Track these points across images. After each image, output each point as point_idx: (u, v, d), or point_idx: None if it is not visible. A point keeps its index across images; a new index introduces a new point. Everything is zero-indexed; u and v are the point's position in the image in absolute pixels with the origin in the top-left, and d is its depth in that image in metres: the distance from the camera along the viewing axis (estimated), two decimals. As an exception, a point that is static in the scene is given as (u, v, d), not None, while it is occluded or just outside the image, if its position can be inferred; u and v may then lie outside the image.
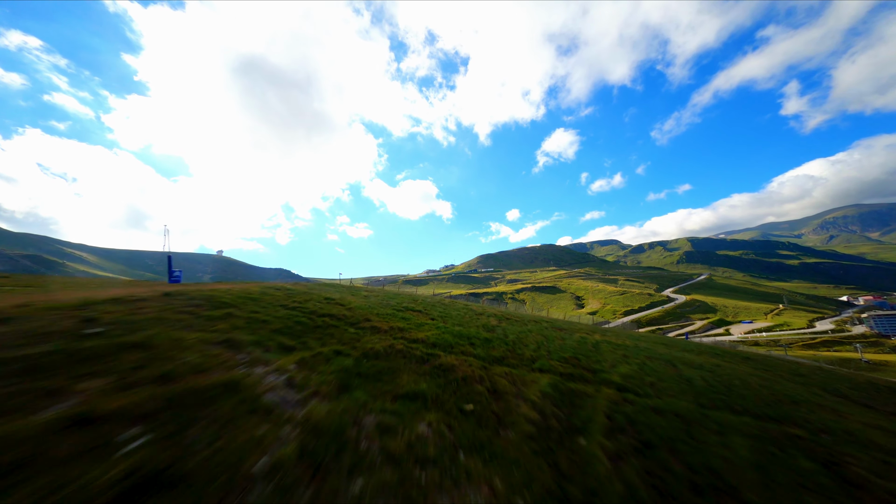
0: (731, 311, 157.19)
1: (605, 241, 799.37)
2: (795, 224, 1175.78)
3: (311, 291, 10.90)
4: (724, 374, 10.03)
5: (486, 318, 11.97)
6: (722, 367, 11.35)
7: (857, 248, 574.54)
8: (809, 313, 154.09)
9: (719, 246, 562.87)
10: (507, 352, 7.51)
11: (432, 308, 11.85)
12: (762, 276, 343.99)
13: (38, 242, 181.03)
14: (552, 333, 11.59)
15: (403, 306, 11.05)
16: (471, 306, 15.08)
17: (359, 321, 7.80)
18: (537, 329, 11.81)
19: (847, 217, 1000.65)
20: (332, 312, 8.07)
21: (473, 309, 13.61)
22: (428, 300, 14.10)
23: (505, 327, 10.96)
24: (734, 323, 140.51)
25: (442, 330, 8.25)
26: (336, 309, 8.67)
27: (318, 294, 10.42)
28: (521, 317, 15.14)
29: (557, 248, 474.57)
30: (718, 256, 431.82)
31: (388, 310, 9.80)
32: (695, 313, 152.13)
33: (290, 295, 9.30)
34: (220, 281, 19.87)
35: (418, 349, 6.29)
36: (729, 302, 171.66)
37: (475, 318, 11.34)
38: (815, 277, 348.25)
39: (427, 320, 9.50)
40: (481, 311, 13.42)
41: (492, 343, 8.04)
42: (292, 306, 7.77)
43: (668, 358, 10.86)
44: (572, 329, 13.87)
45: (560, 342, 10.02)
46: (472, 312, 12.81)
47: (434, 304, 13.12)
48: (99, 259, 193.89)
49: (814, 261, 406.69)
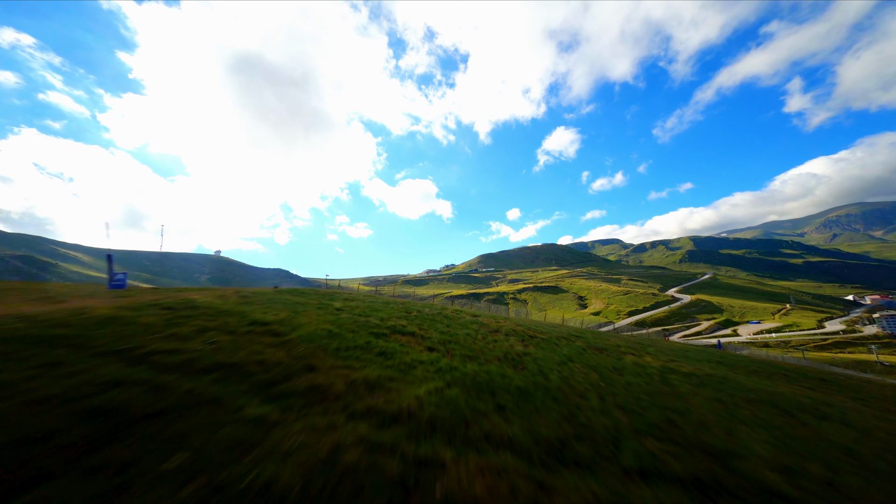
0: (738, 312, 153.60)
1: (607, 240, 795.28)
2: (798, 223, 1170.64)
3: (236, 309, 7.21)
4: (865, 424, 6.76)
5: (505, 337, 8.68)
6: (835, 406, 8.09)
7: (860, 247, 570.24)
8: (817, 313, 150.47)
9: (722, 245, 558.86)
10: (562, 421, 4.14)
11: (431, 325, 8.49)
12: (766, 276, 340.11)
13: (31, 243, 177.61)
14: (598, 360, 8.27)
15: (389, 325, 7.65)
16: (481, 318, 11.73)
17: (289, 375, 4.24)
18: (576, 353, 8.48)
19: (850, 215, 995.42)
20: (237, 360, 4.37)
21: (486, 324, 10.23)
22: (426, 312, 10.71)
23: (536, 356, 7.61)
24: (741, 323, 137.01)
25: (445, 377, 4.85)
26: (255, 346, 4.99)
27: (248, 313, 6.69)
28: (544, 330, 11.76)
29: (559, 248, 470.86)
30: (721, 255, 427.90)
31: (361, 336, 6.34)
32: (701, 313, 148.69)
33: (180, 318, 5.64)
34: (192, 287, 16.44)
35: (397, 451, 2.89)
36: (735, 302, 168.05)
37: (490, 342, 8.00)
38: (819, 276, 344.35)
39: (422, 352, 6.12)
40: (496, 327, 10.09)
41: (532, 400, 4.65)
42: (150, 352, 4.20)
43: (772, 398, 7.51)
44: (613, 348, 10.54)
45: (621, 381, 6.70)
46: (485, 329, 9.46)
47: (433, 317, 9.79)
48: (94, 259, 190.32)
49: (818, 259, 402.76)
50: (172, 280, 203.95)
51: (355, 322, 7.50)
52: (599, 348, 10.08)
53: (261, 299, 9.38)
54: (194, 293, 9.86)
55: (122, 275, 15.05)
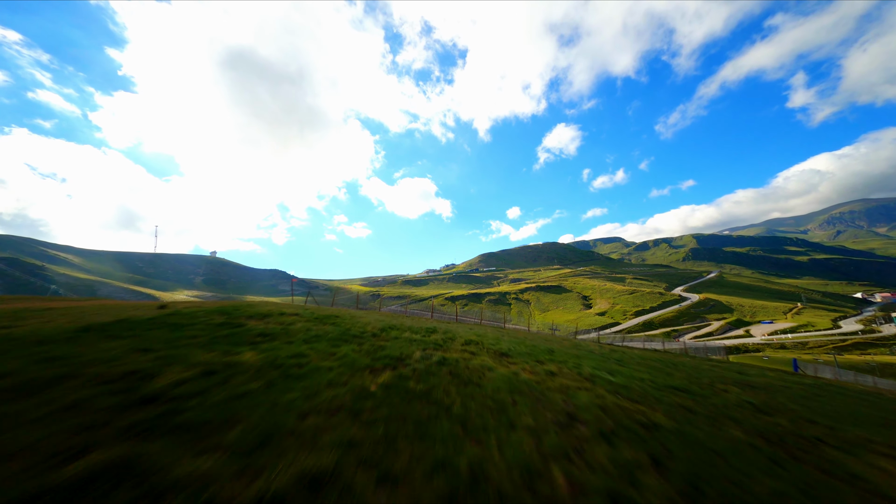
0: (748, 311, 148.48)
1: (609, 238, 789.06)
2: (801, 220, 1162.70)
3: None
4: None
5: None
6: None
7: (865, 244, 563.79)
8: (830, 312, 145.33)
9: (725, 242, 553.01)
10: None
11: (445, 397, 3.69)
12: (771, 273, 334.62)
13: (19, 244, 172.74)
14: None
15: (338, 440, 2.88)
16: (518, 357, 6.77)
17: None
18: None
19: (854, 212, 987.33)
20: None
21: (534, 385, 4.99)
22: (422, 355, 5.83)
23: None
24: (753, 323, 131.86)
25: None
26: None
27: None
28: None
29: (560, 246, 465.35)
30: (725, 253, 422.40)
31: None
32: (710, 313, 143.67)
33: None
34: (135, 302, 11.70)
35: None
36: (744, 301, 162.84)
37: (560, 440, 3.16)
38: (825, 274, 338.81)
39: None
40: (557, 387, 5.03)
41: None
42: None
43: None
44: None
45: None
46: (545, 397, 4.42)
47: (437, 372, 4.91)
48: (84, 261, 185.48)
49: (823, 257, 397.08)
50: (166, 281, 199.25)
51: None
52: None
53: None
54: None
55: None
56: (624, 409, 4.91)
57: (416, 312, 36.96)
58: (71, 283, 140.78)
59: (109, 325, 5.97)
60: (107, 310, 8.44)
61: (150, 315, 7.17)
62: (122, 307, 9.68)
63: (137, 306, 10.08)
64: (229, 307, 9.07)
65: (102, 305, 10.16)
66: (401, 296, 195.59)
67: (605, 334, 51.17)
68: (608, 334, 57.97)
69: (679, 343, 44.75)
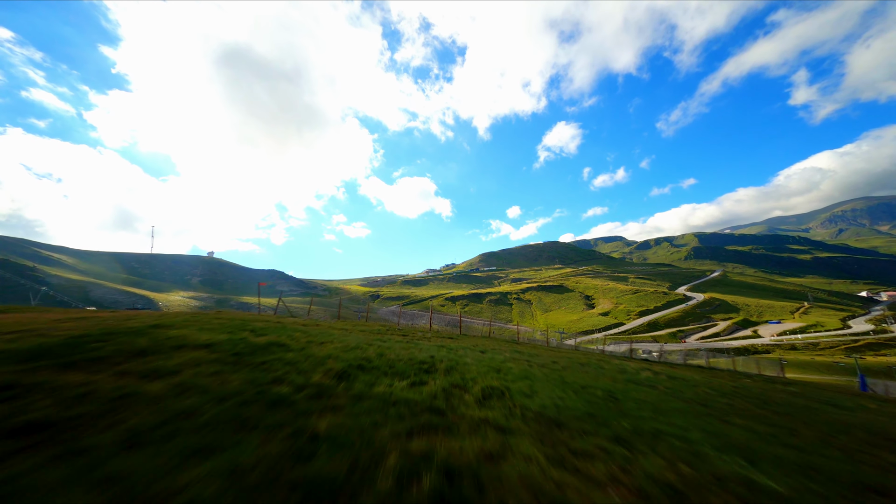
0: (755, 311, 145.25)
1: (609, 237, 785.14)
2: (803, 218, 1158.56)
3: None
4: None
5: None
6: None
7: (868, 242, 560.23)
8: (838, 311, 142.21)
9: (727, 241, 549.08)
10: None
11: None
12: (774, 272, 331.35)
13: (11, 245, 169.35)
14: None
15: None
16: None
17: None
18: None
19: (856, 210, 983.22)
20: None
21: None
22: (401, 465, 2.28)
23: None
24: (760, 323, 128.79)
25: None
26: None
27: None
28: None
29: (561, 245, 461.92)
30: (727, 252, 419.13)
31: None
32: (716, 313, 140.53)
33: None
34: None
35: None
36: (750, 300, 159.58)
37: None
38: (829, 272, 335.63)
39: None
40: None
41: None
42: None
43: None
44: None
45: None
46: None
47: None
48: (78, 261, 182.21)
49: (826, 255, 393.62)
50: (162, 282, 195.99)
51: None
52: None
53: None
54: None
55: None
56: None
57: (414, 314, 33.94)
58: (63, 284, 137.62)
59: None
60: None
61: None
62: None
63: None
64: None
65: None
66: (400, 296, 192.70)
67: (610, 335, 48.35)
68: (613, 335, 55.11)
69: (694, 344, 41.72)
